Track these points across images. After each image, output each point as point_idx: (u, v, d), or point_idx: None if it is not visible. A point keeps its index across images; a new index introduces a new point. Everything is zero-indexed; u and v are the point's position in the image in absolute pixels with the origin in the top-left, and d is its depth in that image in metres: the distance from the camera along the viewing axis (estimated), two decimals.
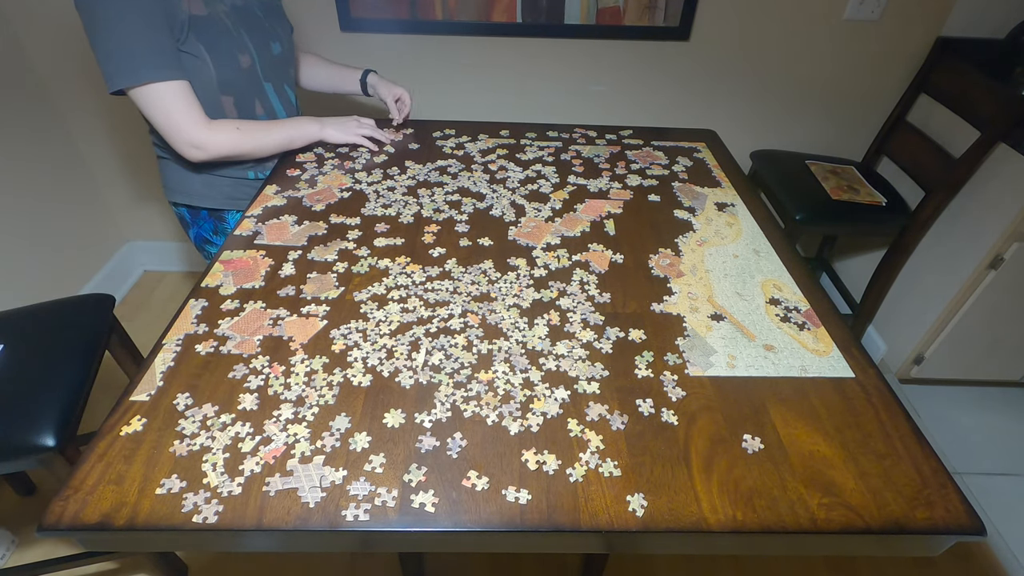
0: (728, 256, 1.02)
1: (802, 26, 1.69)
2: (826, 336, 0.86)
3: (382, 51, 1.73)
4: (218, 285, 0.90)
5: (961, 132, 1.57)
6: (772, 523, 0.62)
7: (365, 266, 0.96)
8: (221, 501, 0.62)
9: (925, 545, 0.65)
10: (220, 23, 1.07)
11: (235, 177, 1.21)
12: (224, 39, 1.08)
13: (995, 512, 1.56)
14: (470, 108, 1.86)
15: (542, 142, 1.36)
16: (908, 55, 1.74)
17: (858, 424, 0.73)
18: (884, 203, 1.67)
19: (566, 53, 1.74)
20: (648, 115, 1.87)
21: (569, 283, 0.94)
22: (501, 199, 1.15)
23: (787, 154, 1.86)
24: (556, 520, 0.62)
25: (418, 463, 0.67)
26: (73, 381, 1.05)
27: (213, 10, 1.06)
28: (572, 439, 0.70)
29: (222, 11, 1.08)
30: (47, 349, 1.08)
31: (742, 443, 0.70)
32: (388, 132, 1.35)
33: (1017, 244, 1.50)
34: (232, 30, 1.09)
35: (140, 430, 0.69)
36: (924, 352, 1.79)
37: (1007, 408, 1.87)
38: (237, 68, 1.11)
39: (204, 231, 1.28)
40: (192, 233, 1.30)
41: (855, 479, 0.67)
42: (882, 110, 1.85)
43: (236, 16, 1.11)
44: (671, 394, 0.76)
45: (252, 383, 0.75)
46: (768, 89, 1.82)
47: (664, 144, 1.38)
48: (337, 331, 0.83)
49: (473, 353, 0.80)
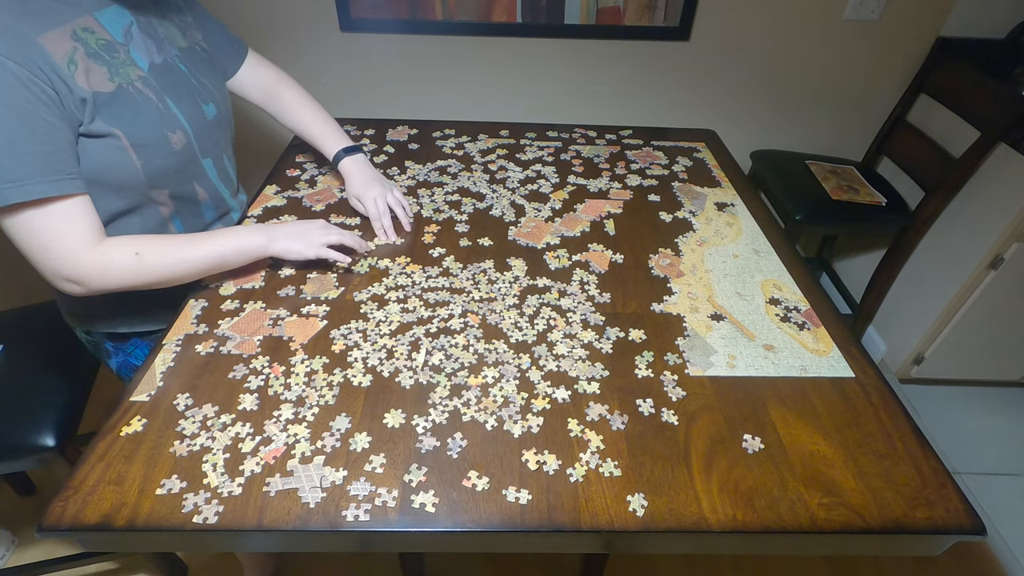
0: (728, 256, 1.02)
1: (802, 26, 1.69)
2: (826, 336, 0.86)
3: (382, 51, 1.73)
4: (218, 285, 0.90)
5: (961, 132, 1.57)
6: (772, 523, 0.62)
7: (365, 266, 0.96)
8: (221, 501, 0.62)
9: (925, 545, 0.65)
10: (137, 97, 0.80)
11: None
12: (147, 117, 0.80)
13: (995, 512, 1.56)
14: (470, 108, 1.86)
15: (542, 142, 1.36)
16: (908, 55, 1.74)
17: (858, 424, 0.73)
18: (884, 203, 1.67)
19: (566, 53, 1.74)
20: (648, 115, 1.87)
21: (569, 283, 0.94)
22: (501, 199, 1.15)
23: (787, 154, 1.86)
24: (556, 520, 0.62)
25: (418, 463, 0.67)
26: (73, 381, 1.05)
27: (124, 80, 0.79)
28: (572, 439, 0.70)
29: (136, 79, 0.80)
30: (47, 349, 1.08)
31: (742, 443, 0.70)
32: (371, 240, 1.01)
33: (1017, 244, 1.50)
34: (156, 102, 0.82)
35: (140, 430, 0.69)
36: (924, 352, 1.79)
37: (1007, 408, 1.87)
38: (168, 153, 0.83)
39: (135, 358, 0.99)
40: (115, 363, 1.00)
41: (855, 479, 0.67)
42: (882, 110, 1.85)
43: (157, 81, 0.84)
44: (671, 394, 0.76)
45: (252, 383, 0.75)
46: (768, 89, 1.82)
47: (664, 144, 1.38)
48: (337, 331, 0.83)
49: (473, 353, 0.80)
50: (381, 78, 1.79)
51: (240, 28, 1.64)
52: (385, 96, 1.83)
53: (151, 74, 0.83)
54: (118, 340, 0.97)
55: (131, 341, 0.98)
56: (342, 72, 1.77)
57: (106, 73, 0.77)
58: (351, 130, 1.37)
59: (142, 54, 0.83)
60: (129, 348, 0.98)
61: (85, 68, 0.74)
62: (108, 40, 0.78)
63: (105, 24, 0.79)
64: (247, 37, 1.16)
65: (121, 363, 1.00)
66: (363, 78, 1.79)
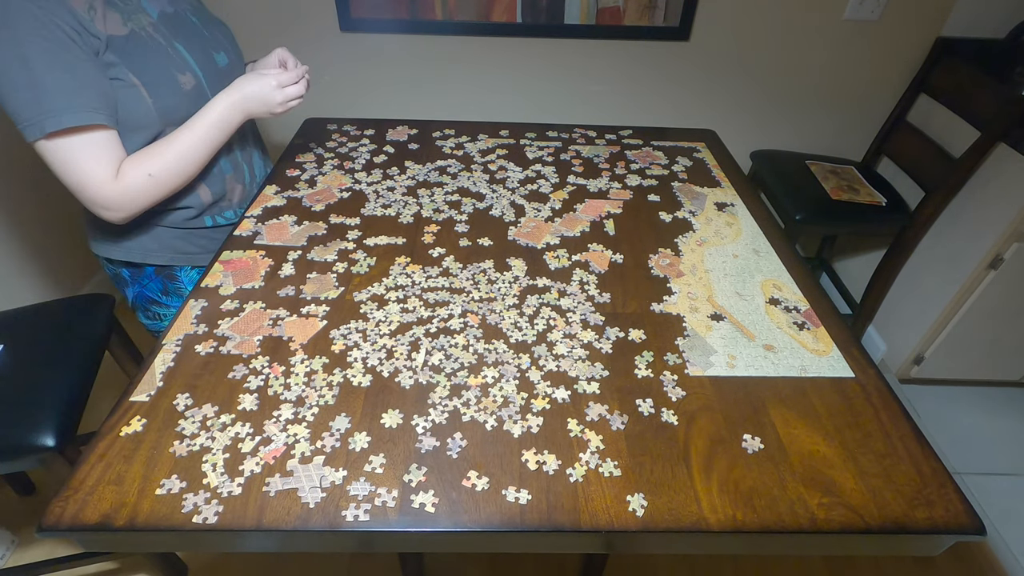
0: (728, 256, 1.02)
1: (802, 26, 1.69)
2: (826, 336, 0.86)
3: (382, 51, 1.73)
4: (218, 285, 0.90)
5: (961, 132, 1.57)
6: (772, 523, 0.62)
7: (365, 266, 0.96)
8: (221, 501, 0.62)
9: (925, 545, 0.65)
10: (148, 40, 0.88)
11: (188, 228, 1.03)
12: (156, 59, 0.88)
13: (995, 512, 1.56)
14: (470, 108, 1.86)
15: (542, 142, 1.36)
16: (908, 55, 1.75)
17: (858, 424, 0.73)
18: (884, 203, 1.67)
19: (566, 53, 1.74)
20: (648, 115, 1.87)
21: (569, 283, 0.94)
22: (501, 199, 1.15)
23: (787, 154, 1.86)
24: (556, 520, 0.62)
25: (418, 463, 0.67)
26: (73, 381, 1.05)
27: (136, 25, 0.87)
28: (572, 439, 0.70)
29: (147, 24, 0.89)
30: (47, 349, 1.08)
31: (742, 443, 0.70)
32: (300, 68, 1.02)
33: (1017, 244, 1.50)
34: (165, 46, 0.90)
35: (140, 430, 0.69)
36: (924, 352, 1.79)
37: (1007, 408, 1.87)
38: (178, 92, 0.91)
39: (150, 291, 1.07)
40: (131, 292, 1.08)
41: (855, 479, 0.67)
42: (882, 110, 1.85)
43: (167, 27, 0.92)
44: (671, 394, 0.76)
45: (252, 383, 0.75)
46: (768, 89, 1.82)
47: (664, 144, 1.38)
48: (337, 331, 0.83)
49: (473, 353, 0.80)
50: (381, 78, 1.79)
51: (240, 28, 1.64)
52: (385, 96, 1.83)
53: (160, 21, 0.92)
54: (135, 269, 1.05)
55: (146, 272, 1.05)
56: (342, 72, 1.77)
57: (120, 18, 0.86)
58: (351, 130, 1.38)
59: (153, 3, 0.93)
60: (144, 280, 1.06)
61: (103, 14, 0.83)
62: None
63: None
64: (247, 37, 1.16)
65: (137, 293, 1.08)
66: (363, 78, 1.79)
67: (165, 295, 1.07)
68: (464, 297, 0.90)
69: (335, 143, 1.32)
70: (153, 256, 1.02)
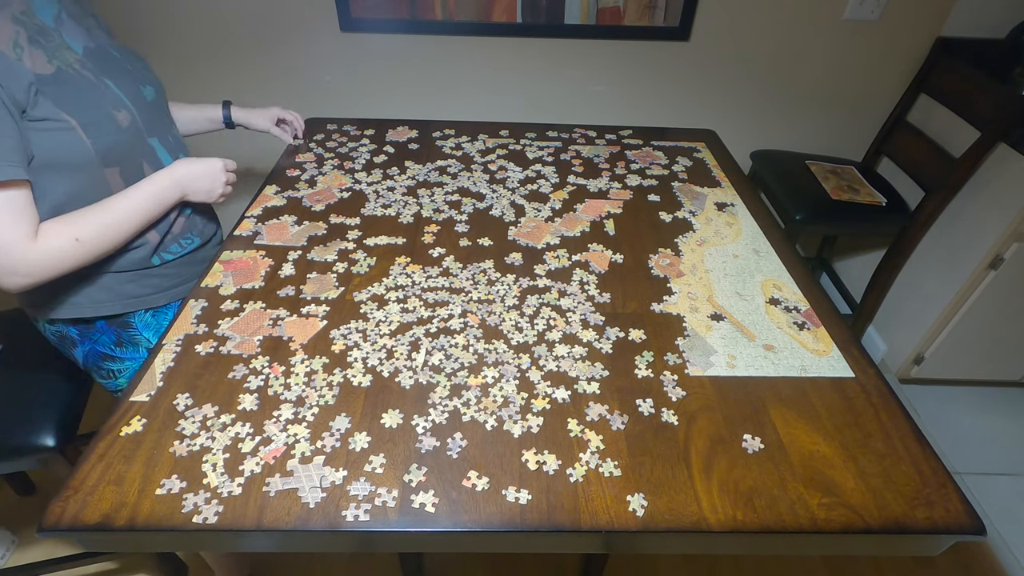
0: (728, 256, 1.02)
1: (802, 26, 1.69)
2: (826, 336, 0.86)
3: (382, 51, 1.73)
4: (218, 285, 0.90)
5: (961, 132, 1.57)
6: (772, 523, 0.62)
7: (365, 266, 0.96)
8: (221, 501, 0.62)
9: (925, 545, 0.65)
10: (77, 78, 0.81)
11: (139, 269, 0.94)
12: (89, 97, 0.82)
13: (995, 512, 1.56)
14: (470, 108, 1.86)
15: (542, 142, 1.36)
16: (908, 55, 1.74)
17: (858, 424, 0.73)
18: (884, 203, 1.67)
19: (566, 53, 1.74)
20: (648, 115, 1.87)
21: (569, 283, 0.94)
22: (501, 199, 1.15)
23: (787, 154, 1.86)
24: (556, 520, 0.62)
25: (418, 463, 0.67)
26: (73, 381, 1.05)
27: (62, 62, 0.80)
28: (572, 439, 0.70)
29: (73, 61, 0.82)
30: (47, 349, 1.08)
31: (742, 443, 0.70)
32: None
33: (1017, 244, 1.49)
34: (96, 83, 0.84)
35: (140, 430, 0.69)
36: (924, 352, 1.79)
37: (1007, 408, 1.87)
38: (117, 130, 0.85)
39: (102, 345, 0.97)
40: (81, 352, 0.98)
41: (855, 479, 0.67)
42: (882, 110, 1.85)
43: (94, 63, 0.85)
44: (671, 394, 0.76)
45: (252, 383, 0.75)
46: (768, 89, 1.82)
47: (664, 144, 1.38)
48: (337, 331, 0.83)
49: (473, 353, 0.80)
50: (381, 78, 1.79)
51: (240, 28, 1.64)
52: (385, 96, 1.83)
53: (86, 57, 0.85)
54: (83, 326, 0.96)
55: (96, 326, 0.96)
56: (342, 72, 1.77)
57: (44, 56, 0.78)
58: (351, 130, 1.38)
59: (75, 39, 0.86)
60: (95, 335, 0.96)
61: (29, 52, 0.76)
62: (41, 25, 0.81)
63: (36, 10, 0.81)
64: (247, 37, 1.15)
65: (88, 351, 0.98)
66: (363, 78, 1.79)
67: (119, 346, 0.98)
68: (464, 297, 0.90)
69: (335, 143, 1.32)
70: (105, 307, 0.93)
